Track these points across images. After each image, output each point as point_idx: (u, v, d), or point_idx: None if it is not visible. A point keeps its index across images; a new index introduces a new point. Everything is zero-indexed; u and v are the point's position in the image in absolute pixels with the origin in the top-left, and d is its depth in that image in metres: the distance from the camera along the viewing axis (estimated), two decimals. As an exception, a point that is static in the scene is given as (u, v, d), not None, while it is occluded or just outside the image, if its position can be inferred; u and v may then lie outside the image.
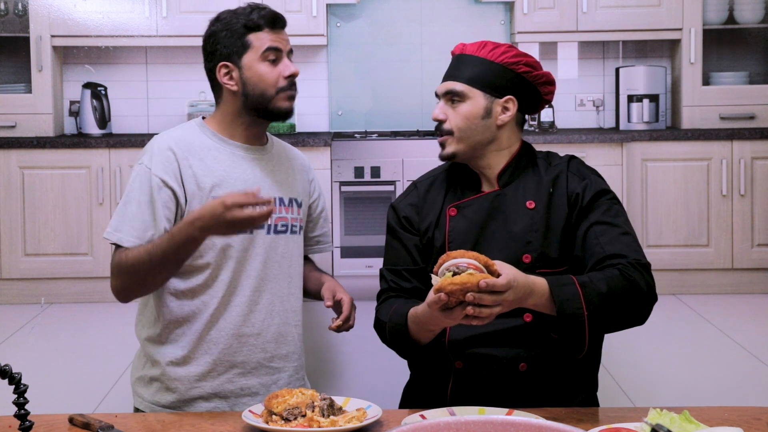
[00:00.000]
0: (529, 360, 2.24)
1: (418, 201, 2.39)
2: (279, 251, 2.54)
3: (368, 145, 5.68)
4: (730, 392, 4.08)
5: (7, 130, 5.72)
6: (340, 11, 6.17)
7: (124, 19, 5.80)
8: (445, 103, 2.34)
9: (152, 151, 2.51)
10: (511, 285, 1.96)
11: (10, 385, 1.69)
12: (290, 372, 2.58)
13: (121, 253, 2.43)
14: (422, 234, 2.36)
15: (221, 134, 2.54)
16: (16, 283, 5.66)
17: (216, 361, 2.49)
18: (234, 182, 2.49)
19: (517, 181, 2.32)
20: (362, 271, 5.56)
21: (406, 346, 2.26)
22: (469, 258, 1.97)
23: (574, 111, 6.24)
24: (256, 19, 2.49)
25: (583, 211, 2.26)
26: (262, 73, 2.48)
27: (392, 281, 2.37)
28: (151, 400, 2.53)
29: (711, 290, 5.74)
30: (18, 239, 5.63)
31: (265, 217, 2.24)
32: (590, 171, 2.35)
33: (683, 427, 1.77)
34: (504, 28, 6.20)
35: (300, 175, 2.67)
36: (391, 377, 3.97)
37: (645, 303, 2.15)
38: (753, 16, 5.98)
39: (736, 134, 5.72)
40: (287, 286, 2.57)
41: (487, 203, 2.30)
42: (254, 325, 2.51)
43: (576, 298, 2.06)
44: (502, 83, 2.33)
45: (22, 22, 5.85)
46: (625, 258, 2.16)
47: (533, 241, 2.25)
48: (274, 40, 2.50)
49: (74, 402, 3.91)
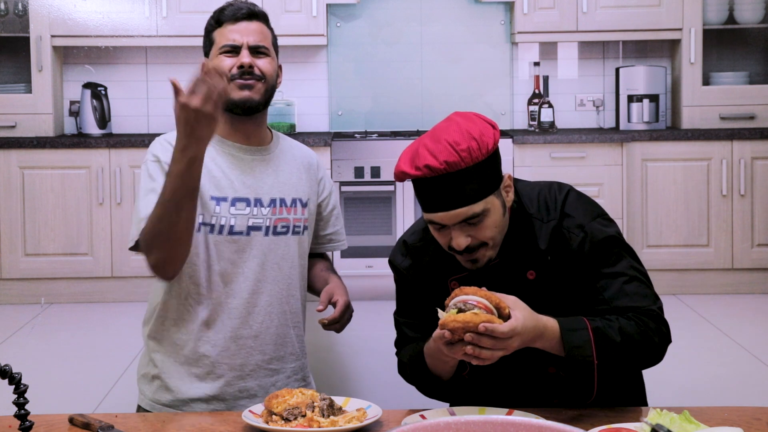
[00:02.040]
0: (560, 398, 2.19)
1: (414, 265, 2.27)
2: (279, 253, 2.52)
3: (368, 145, 5.68)
4: (730, 392, 4.08)
5: (7, 130, 5.72)
6: (340, 11, 6.17)
7: (124, 19, 5.80)
8: (461, 227, 2.09)
9: (158, 146, 2.50)
10: (517, 332, 1.91)
11: (10, 385, 1.68)
12: (288, 373, 2.57)
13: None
14: (428, 296, 2.25)
15: (219, 134, 2.52)
16: (16, 283, 5.66)
17: (214, 363, 2.48)
18: (232, 183, 2.48)
19: (514, 248, 2.18)
20: (362, 271, 5.56)
21: (427, 382, 2.22)
22: (480, 296, 1.94)
23: (574, 111, 6.24)
24: (219, 15, 2.53)
25: (584, 270, 2.14)
26: (216, 65, 2.33)
27: (411, 336, 2.28)
28: (152, 398, 2.53)
29: (711, 290, 5.74)
30: (18, 239, 5.63)
31: (221, 87, 2.12)
32: (586, 215, 2.19)
33: (683, 427, 1.77)
34: (504, 28, 6.20)
35: (306, 174, 2.63)
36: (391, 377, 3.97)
37: (658, 351, 2.10)
38: (753, 16, 5.98)
39: (736, 134, 5.72)
40: (286, 287, 2.55)
41: (487, 275, 2.18)
42: (252, 327, 2.50)
43: (587, 345, 2.01)
44: (497, 170, 2.11)
45: (22, 22, 5.85)
46: (635, 310, 2.08)
47: (538, 313, 2.14)
48: (233, 34, 2.50)
49: (74, 402, 3.91)
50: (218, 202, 2.46)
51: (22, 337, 4.99)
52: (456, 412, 2.02)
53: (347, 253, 5.61)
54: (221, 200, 2.46)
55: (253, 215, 2.49)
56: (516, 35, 5.98)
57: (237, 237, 2.46)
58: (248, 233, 2.48)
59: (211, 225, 2.45)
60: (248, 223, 2.48)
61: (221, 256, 2.46)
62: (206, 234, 2.45)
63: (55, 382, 4.17)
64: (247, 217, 2.48)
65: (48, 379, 4.17)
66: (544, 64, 6.18)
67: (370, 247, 5.60)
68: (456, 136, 2.05)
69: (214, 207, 2.45)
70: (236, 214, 2.47)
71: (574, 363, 2.02)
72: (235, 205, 2.47)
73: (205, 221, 2.44)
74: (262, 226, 2.49)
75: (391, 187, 5.61)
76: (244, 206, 2.48)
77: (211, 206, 2.45)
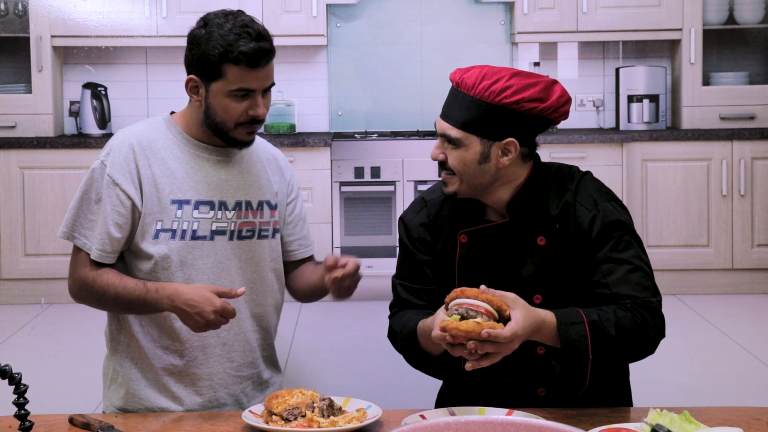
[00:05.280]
0: (547, 386, 2.21)
1: (428, 221, 2.29)
2: (243, 257, 2.43)
3: (368, 145, 5.68)
4: (730, 392, 4.08)
5: (7, 130, 5.72)
6: (340, 11, 6.17)
7: (124, 19, 5.80)
8: (441, 141, 2.20)
9: (111, 148, 2.40)
10: (516, 336, 1.92)
11: (10, 385, 1.68)
12: (254, 379, 2.49)
13: (88, 267, 2.37)
14: (435, 254, 2.28)
15: (187, 133, 2.44)
16: (16, 283, 5.66)
17: (182, 373, 2.41)
18: (195, 185, 2.39)
19: (526, 212, 2.20)
20: (362, 271, 5.53)
21: (417, 357, 2.23)
22: (481, 301, 1.94)
23: (574, 111, 6.23)
24: (236, 53, 2.29)
25: (590, 248, 2.15)
26: (225, 105, 2.33)
27: (405, 298, 2.31)
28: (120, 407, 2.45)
29: (711, 290, 5.74)
30: (18, 239, 5.63)
31: (230, 313, 2.27)
32: (601, 195, 2.21)
33: (683, 427, 1.77)
34: (504, 28, 6.20)
35: (274, 176, 2.52)
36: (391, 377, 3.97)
37: (651, 344, 2.11)
38: (753, 16, 5.98)
39: (736, 134, 5.72)
40: (250, 291, 2.44)
41: (497, 234, 2.21)
42: (219, 335, 2.41)
43: (583, 339, 2.02)
44: (501, 126, 2.15)
45: (22, 22, 5.85)
46: (634, 299, 2.09)
47: (545, 281, 2.18)
48: (251, 80, 2.32)
49: (74, 402, 3.91)
50: (180, 205, 2.37)
51: (22, 337, 5.00)
52: (456, 412, 2.03)
53: (347, 253, 5.60)
54: (184, 203, 2.38)
55: (217, 219, 2.40)
56: (516, 35, 5.98)
57: (200, 242, 2.38)
58: (212, 238, 2.39)
59: (173, 230, 2.37)
60: (212, 227, 2.39)
61: (183, 262, 2.37)
62: (167, 240, 2.36)
63: (55, 382, 4.17)
64: (211, 221, 2.39)
65: (48, 379, 4.17)
66: (544, 64, 6.18)
67: (370, 247, 5.60)
68: (500, 73, 2.15)
69: (176, 211, 2.37)
70: (199, 218, 2.38)
71: (569, 357, 2.03)
72: (199, 209, 2.38)
73: (165, 227, 2.36)
74: (227, 230, 2.40)
75: (391, 188, 5.61)
76: (208, 209, 2.39)
77: (171, 210, 2.37)
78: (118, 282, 2.33)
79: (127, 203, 2.36)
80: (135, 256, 2.39)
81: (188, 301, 2.25)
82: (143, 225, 2.36)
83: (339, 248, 5.60)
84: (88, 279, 2.36)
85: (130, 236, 2.37)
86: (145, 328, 2.41)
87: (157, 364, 2.41)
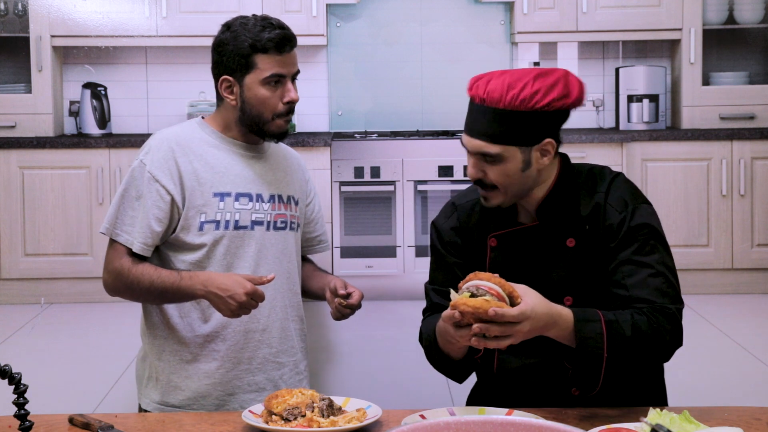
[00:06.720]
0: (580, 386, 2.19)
1: (459, 225, 2.30)
2: (279, 247, 2.58)
3: (368, 145, 5.68)
4: (730, 392, 4.08)
5: (7, 130, 5.72)
6: (340, 11, 6.17)
7: (124, 19, 5.80)
8: (477, 160, 2.16)
9: (150, 147, 2.54)
10: (526, 316, 1.91)
11: (10, 385, 1.68)
12: (291, 366, 2.62)
13: (125, 258, 2.47)
14: (466, 258, 2.28)
15: (221, 132, 2.58)
16: (16, 283, 5.66)
17: (224, 358, 2.53)
18: (234, 179, 2.53)
19: (556, 213, 2.20)
20: (362, 271, 5.55)
21: (438, 359, 2.23)
22: (493, 283, 1.94)
23: (574, 111, 6.22)
24: (264, 41, 2.46)
25: (615, 249, 2.15)
26: (261, 96, 2.49)
27: (437, 302, 2.30)
28: (160, 401, 2.54)
29: (711, 290, 5.74)
30: (18, 239, 5.63)
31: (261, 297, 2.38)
32: (633, 197, 2.20)
33: (683, 427, 1.77)
34: (504, 28, 6.20)
35: (296, 175, 2.70)
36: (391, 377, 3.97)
37: (667, 350, 2.10)
38: (753, 16, 5.98)
39: (736, 134, 5.72)
40: (287, 281, 2.60)
41: (527, 237, 2.21)
42: (259, 321, 2.55)
43: (599, 337, 2.00)
44: (536, 130, 2.15)
45: (22, 22, 5.85)
46: (651, 304, 2.08)
47: (575, 283, 2.17)
48: (280, 65, 2.49)
49: (74, 402, 3.91)
50: (222, 198, 2.51)
51: (22, 337, 5.00)
52: (456, 412, 2.03)
53: (347, 253, 5.61)
54: (225, 195, 2.52)
55: (256, 210, 2.54)
56: (516, 35, 5.98)
57: (242, 231, 2.52)
58: (252, 227, 2.53)
59: (216, 221, 2.50)
60: (251, 217, 2.54)
61: (227, 251, 2.51)
62: (212, 231, 2.50)
63: (55, 382, 4.17)
64: (251, 211, 2.54)
65: (48, 379, 4.17)
66: (544, 64, 6.17)
67: (370, 247, 5.60)
68: (522, 79, 2.11)
69: (218, 203, 2.51)
70: (240, 209, 2.52)
71: (584, 354, 2.02)
72: (239, 200, 2.53)
73: (209, 219, 2.50)
74: (264, 221, 2.55)
75: (391, 187, 5.61)
76: (247, 201, 2.54)
77: (214, 203, 2.50)
78: (153, 272, 2.45)
79: (166, 198, 2.48)
80: (177, 249, 2.52)
81: (221, 285, 2.36)
82: (186, 218, 2.49)
83: (339, 248, 5.60)
84: (124, 269, 2.46)
85: (167, 230, 2.50)
86: (184, 319, 2.53)
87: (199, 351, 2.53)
